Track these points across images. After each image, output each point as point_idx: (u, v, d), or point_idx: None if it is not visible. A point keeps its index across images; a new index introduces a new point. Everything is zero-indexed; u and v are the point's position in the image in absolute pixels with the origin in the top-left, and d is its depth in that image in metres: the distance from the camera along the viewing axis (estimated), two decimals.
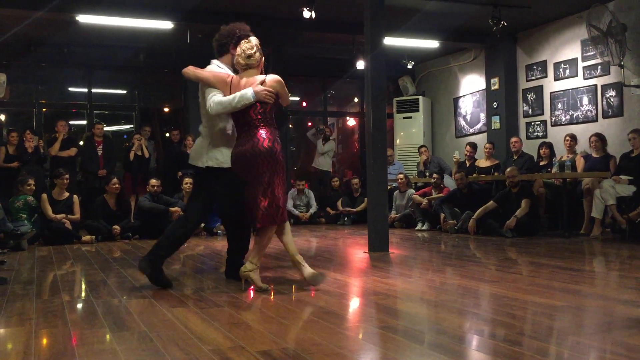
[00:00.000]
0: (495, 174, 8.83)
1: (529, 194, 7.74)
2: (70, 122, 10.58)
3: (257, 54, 3.97)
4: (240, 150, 3.87)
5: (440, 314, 3.20)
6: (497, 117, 10.28)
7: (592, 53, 8.59)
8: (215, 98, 3.87)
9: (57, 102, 11.44)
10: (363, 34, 6.39)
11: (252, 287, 3.94)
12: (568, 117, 9.23)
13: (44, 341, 2.76)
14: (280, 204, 3.86)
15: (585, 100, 8.93)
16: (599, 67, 8.66)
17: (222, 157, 4.05)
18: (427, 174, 9.89)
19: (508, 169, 7.90)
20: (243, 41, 4.00)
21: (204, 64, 4.18)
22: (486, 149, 9.40)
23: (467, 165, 9.52)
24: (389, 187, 7.65)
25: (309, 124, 13.59)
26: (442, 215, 8.45)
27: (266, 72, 4.07)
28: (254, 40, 4.03)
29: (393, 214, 9.43)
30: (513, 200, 7.64)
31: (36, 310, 3.41)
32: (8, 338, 2.87)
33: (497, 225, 7.62)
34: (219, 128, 4.08)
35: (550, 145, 8.59)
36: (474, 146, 9.75)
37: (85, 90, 10.96)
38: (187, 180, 8.79)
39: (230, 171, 3.99)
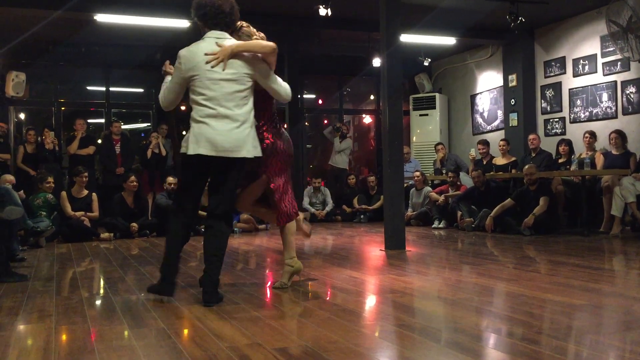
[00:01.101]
0: (513, 171, 8.76)
1: (548, 191, 7.67)
2: (89, 121, 10.70)
3: None
4: None
5: (457, 312, 3.18)
6: (515, 114, 10.19)
7: (611, 49, 8.48)
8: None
9: (76, 100, 11.55)
10: (379, 31, 6.37)
11: (270, 283, 3.95)
12: (587, 113, 9.13)
13: (64, 337, 2.79)
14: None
15: (605, 96, 8.82)
16: (619, 63, 8.55)
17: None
18: (444, 171, 9.84)
19: (526, 167, 7.83)
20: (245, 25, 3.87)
21: None
22: (500, 146, 9.32)
23: (484, 162, 9.46)
24: (405, 185, 7.62)
25: (325, 121, 13.59)
26: (459, 213, 8.40)
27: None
28: None
29: (409, 212, 9.40)
30: (531, 198, 7.57)
31: (56, 306, 3.46)
32: (29, 334, 2.91)
33: (514, 223, 7.56)
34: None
35: (569, 143, 8.50)
36: (486, 143, 9.67)
37: (103, 89, 11.05)
38: None
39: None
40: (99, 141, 10.11)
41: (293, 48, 9.59)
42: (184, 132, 11.59)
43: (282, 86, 3.71)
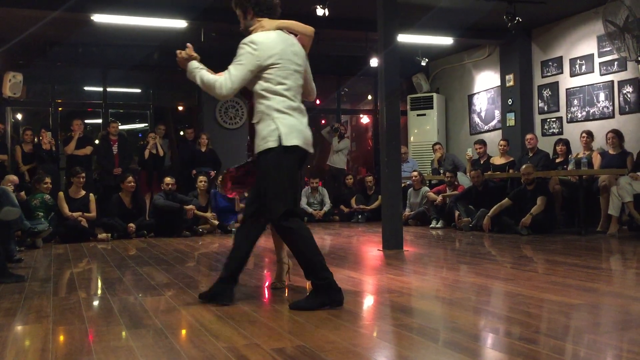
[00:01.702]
0: (510, 171, 8.77)
1: (545, 191, 7.69)
2: (86, 121, 10.68)
3: None
4: None
5: (455, 312, 3.18)
6: (512, 114, 10.20)
7: (608, 49, 8.49)
8: None
9: (73, 101, 11.53)
10: (376, 31, 6.37)
11: (268, 283, 3.95)
12: (584, 113, 9.14)
13: (61, 338, 2.79)
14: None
15: (602, 96, 8.84)
16: (616, 63, 8.57)
17: None
18: (442, 171, 9.85)
19: (524, 166, 7.85)
20: None
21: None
22: (500, 146, 9.33)
23: (482, 162, 9.47)
24: (403, 185, 7.63)
25: (323, 121, 13.58)
26: (457, 212, 8.41)
27: None
28: None
29: (407, 212, 9.40)
30: (528, 198, 7.58)
31: (53, 307, 3.45)
32: (26, 335, 2.90)
33: (512, 223, 7.58)
34: None
35: (566, 142, 8.51)
36: (483, 143, 9.67)
37: (101, 89, 11.04)
38: (202, 178, 8.83)
39: None
40: (97, 142, 10.10)
41: None
42: (181, 133, 11.59)
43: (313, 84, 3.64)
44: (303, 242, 3.30)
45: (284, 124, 3.23)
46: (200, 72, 3.34)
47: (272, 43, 3.30)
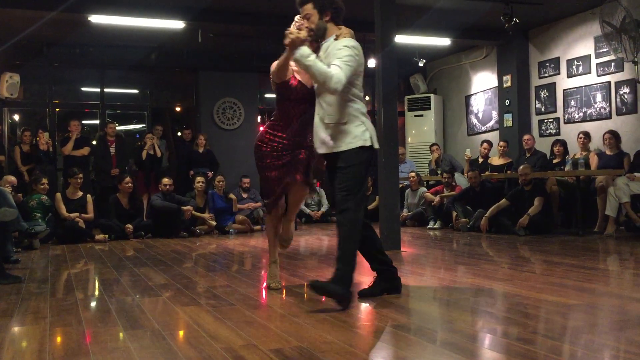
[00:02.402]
0: (508, 172, 8.78)
1: (542, 191, 7.70)
2: (83, 122, 10.65)
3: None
4: None
5: (452, 313, 3.19)
6: (510, 114, 10.22)
7: (605, 50, 8.51)
8: None
9: (70, 102, 11.51)
10: (374, 32, 6.37)
11: (265, 284, 3.95)
12: (581, 114, 9.16)
13: (58, 339, 2.78)
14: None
15: (599, 97, 8.85)
16: (613, 63, 8.58)
17: None
18: (439, 172, 9.86)
19: (521, 167, 7.86)
20: None
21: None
22: (500, 147, 9.35)
23: (480, 163, 9.49)
24: (400, 186, 7.63)
25: None
26: (454, 213, 8.41)
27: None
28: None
29: (405, 213, 9.41)
30: (526, 199, 7.59)
31: (51, 308, 3.45)
32: (23, 336, 2.90)
33: (509, 224, 7.58)
34: None
35: (563, 143, 8.53)
36: (490, 143, 9.71)
37: (98, 90, 11.02)
38: (199, 179, 8.83)
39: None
40: (94, 142, 10.08)
41: None
42: (179, 133, 11.58)
43: None
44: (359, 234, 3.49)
45: (370, 128, 3.53)
46: (316, 60, 3.38)
47: (361, 53, 3.55)
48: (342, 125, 3.46)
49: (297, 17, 3.72)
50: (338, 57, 3.39)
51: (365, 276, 4.01)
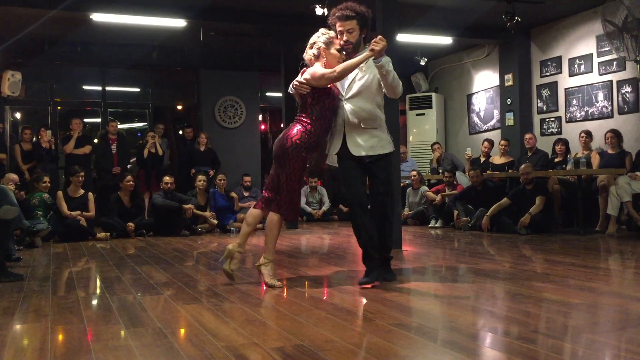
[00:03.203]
0: (510, 170, 8.78)
1: (544, 191, 7.69)
2: (85, 120, 10.66)
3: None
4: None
5: (453, 311, 3.19)
6: (511, 113, 10.21)
7: (607, 48, 8.50)
8: None
9: (72, 100, 11.51)
10: (375, 31, 6.37)
11: (264, 282, 3.96)
12: (583, 113, 9.15)
13: (60, 337, 2.78)
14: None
15: (601, 96, 8.84)
16: (615, 62, 8.58)
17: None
18: (440, 170, 9.86)
19: (522, 166, 7.85)
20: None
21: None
22: (501, 145, 9.34)
23: (481, 162, 9.48)
24: (402, 184, 7.62)
25: None
26: (456, 212, 8.41)
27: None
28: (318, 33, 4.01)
29: (406, 211, 9.41)
30: (527, 198, 7.59)
31: (52, 306, 3.45)
32: (25, 334, 2.90)
33: (511, 223, 7.58)
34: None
35: (565, 142, 8.52)
36: (491, 142, 9.71)
37: (100, 88, 11.03)
38: (201, 177, 8.83)
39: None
40: (96, 141, 10.09)
41: (289, 48, 9.58)
42: (180, 132, 11.59)
43: None
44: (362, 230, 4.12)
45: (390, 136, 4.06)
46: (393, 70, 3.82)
47: None
48: (375, 130, 3.92)
49: (322, 30, 3.99)
50: (387, 69, 3.76)
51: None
